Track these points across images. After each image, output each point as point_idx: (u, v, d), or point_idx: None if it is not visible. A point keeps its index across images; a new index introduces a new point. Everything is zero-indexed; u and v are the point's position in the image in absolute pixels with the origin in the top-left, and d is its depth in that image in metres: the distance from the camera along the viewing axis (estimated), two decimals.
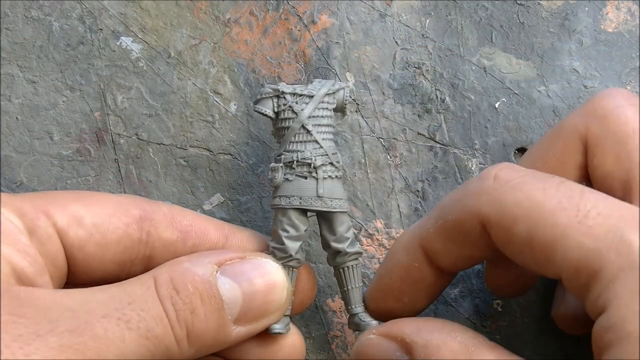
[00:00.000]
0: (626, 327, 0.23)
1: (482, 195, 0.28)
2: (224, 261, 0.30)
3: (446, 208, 0.30)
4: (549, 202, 0.26)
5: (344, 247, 0.33)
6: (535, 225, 0.26)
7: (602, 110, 0.31)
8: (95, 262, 0.31)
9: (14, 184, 0.37)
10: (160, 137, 0.38)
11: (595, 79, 0.38)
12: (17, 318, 0.25)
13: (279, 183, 0.32)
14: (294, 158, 0.32)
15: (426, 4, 0.39)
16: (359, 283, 0.33)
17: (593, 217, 0.25)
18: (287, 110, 0.32)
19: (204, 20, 0.38)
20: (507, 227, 0.27)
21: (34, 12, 0.38)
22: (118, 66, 0.38)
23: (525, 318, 0.37)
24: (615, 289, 0.24)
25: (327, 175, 0.32)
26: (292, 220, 0.32)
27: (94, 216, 0.30)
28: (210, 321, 0.28)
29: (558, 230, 0.26)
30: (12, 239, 0.28)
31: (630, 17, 0.39)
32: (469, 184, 0.30)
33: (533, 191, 0.27)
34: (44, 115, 0.38)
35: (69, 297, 0.26)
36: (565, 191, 0.27)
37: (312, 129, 0.32)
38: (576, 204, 0.26)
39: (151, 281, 0.28)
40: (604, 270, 0.25)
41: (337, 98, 0.33)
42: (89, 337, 0.25)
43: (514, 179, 0.28)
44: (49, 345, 0.24)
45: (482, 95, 0.38)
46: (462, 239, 0.30)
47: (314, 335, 0.37)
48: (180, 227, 0.32)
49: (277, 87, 0.32)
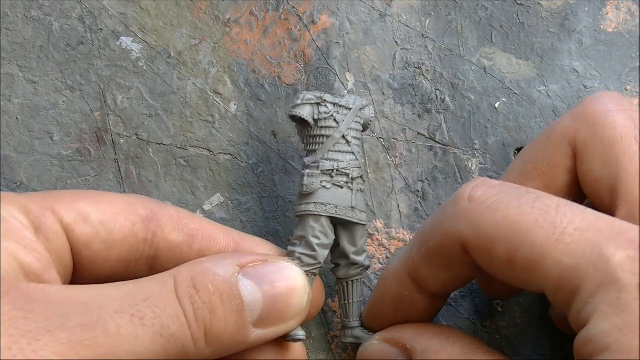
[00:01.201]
0: (606, 340, 0.24)
1: (460, 218, 0.28)
2: (246, 263, 0.30)
3: (427, 234, 0.30)
4: (525, 220, 0.26)
5: (362, 260, 0.33)
6: (513, 245, 0.26)
7: (591, 115, 0.31)
8: (100, 260, 0.30)
9: (14, 184, 0.37)
10: (160, 137, 0.38)
11: (595, 79, 0.38)
12: (27, 314, 0.24)
13: (314, 189, 0.32)
14: (334, 167, 0.32)
15: (426, 4, 0.39)
16: (359, 297, 0.34)
17: (570, 234, 0.26)
18: (328, 119, 0.32)
19: (204, 20, 0.38)
20: (487, 249, 0.27)
21: (34, 12, 0.38)
22: (118, 66, 0.38)
23: (525, 318, 0.37)
24: (595, 303, 0.24)
25: (359, 187, 0.33)
26: (325, 228, 0.32)
27: (100, 214, 0.30)
28: (230, 322, 0.28)
29: (537, 250, 0.26)
30: (18, 235, 0.27)
31: (630, 17, 0.39)
32: (446, 207, 0.30)
33: (509, 210, 0.27)
34: (44, 115, 0.38)
35: (81, 293, 0.26)
36: (541, 208, 0.27)
37: (351, 140, 0.33)
38: (552, 221, 0.26)
39: (170, 279, 0.28)
40: (584, 286, 0.25)
41: (364, 115, 0.33)
42: (100, 332, 0.25)
43: (489, 199, 0.28)
44: (58, 341, 0.24)
45: (482, 95, 0.38)
46: (447, 262, 0.30)
47: (314, 335, 0.37)
48: (186, 230, 0.32)
49: (320, 94, 0.33)
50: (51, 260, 0.29)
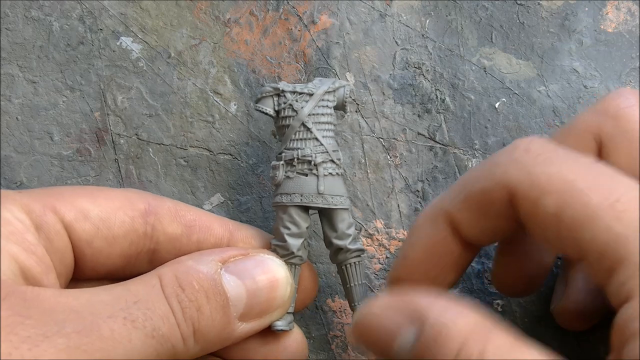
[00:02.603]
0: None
1: (512, 166, 0.28)
2: (228, 258, 0.30)
3: (473, 178, 0.29)
4: (580, 180, 0.26)
5: (346, 244, 0.33)
6: (564, 201, 0.26)
7: (615, 110, 0.31)
8: (102, 256, 0.31)
9: (14, 184, 0.37)
10: (160, 137, 0.38)
11: (595, 79, 0.38)
12: (25, 319, 0.25)
13: (280, 181, 0.32)
14: (295, 155, 0.32)
15: (426, 4, 0.39)
16: (362, 280, 0.33)
17: (624, 202, 0.25)
18: (287, 109, 0.32)
19: (204, 20, 0.38)
20: (536, 200, 0.27)
21: (34, 12, 0.38)
22: (118, 66, 0.38)
23: (525, 318, 0.37)
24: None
25: (327, 172, 0.32)
26: (293, 218, 0.32)
27: (100, 210, 0.30)
28: (216, 318, 0.29)
29: (588, 210, 0.25)
30: (18, 237, 0.28)
31: (630, 17, 0.39)
32: (497, 155, 0.29)
33: (565, 166, 0.27)
34: (44, 115, 0.38)
35: (75, 298, 0.26)
36: (598, 172, 0.26)
37: (312, 126, 0.32)
38: (608, 187, 0.26)
39: (156, 280, 0.28)
40: (632, 257, 0.24)
41: (337, 96, 0.33)
42: (96, 337, 0.25)
43: (545, 153, 0.27)
44: (57, 347, 0.24)
45: (482, 95, 0.38)
46: (488, 209, 0.29)
47: (314, 335, 0.37)
48: (184, 222, 0.32)
49: (277, 85, 0.33)
50: (51, 262, 0.29)
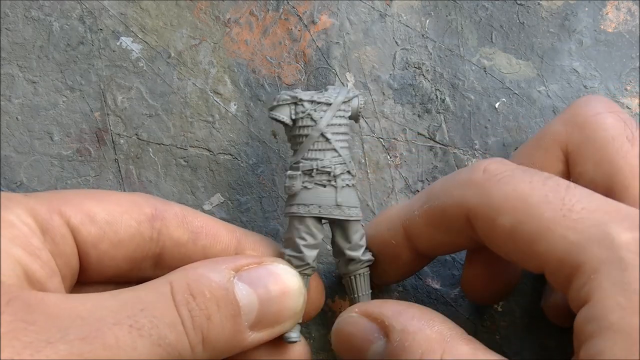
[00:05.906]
0: (609, 318, 0.24)
1: (470, 187, 0.29)
2: (241, 267, 0.30)
3: (433, 194, 0.30)
4: (535, 195, 0.27)
5: (359, 255, 0.33)
6: (520, 217, 0.27)
7: (582, 118, 0.31)
8: (107, 260, 0.30)
9: (14, 184, 0.37)
10: (160, 137, 0.38)
11: (595, 79, 0.38)
12: (28, 325, 0.24)
13: (296, 191, 0.32)
14: (314, 166, 0.32)
15: (426, 4, 0.39)
16: (368, 290, 0.33)
17: (578, 211, 0.26)
18: (305, 118, 0.32)
19: (204, 20, 0.38)
20: (492, 219, 0.27)
21: (34, 12, 0.38)
22: (118, 66, 0.38)
23: (525, 318, 0.37)
24: (598, 280, 0.24)
25: (345, 183, 0.32)
26: (310, 229, 0.32)
27: (106, 213, 0.30)
28: (226, 327, 0.28)
29: (542, 223, 0.26)
30: (23, 240, 0.27)
31: (630, 17, 0.39)
32: (459, 174, 0.30)
33: (520, 184, 0.27)
34: (44, 115, 0.38)
35: (80, 303, 0.26)
36: (551, 185, 0.27)
37: (331, 137, 0.32)
38: (561, 198, 0.26)
39: (166, 287, 0.28)
40: (587, 263, 0.25)
41: (352, 106, 0.33)
42: (99, 345, 0.25)
43: (502, 172, 0.28)
44: (59, 354, 0.24)
45: (482, 95, 0.38)
46: (445, 226, 0.30)
47: (314, 335, 0.37)
48: (191, 228, 0.32)
49: (295, 94, 0.32)
50: (56, 266, 0.29)
